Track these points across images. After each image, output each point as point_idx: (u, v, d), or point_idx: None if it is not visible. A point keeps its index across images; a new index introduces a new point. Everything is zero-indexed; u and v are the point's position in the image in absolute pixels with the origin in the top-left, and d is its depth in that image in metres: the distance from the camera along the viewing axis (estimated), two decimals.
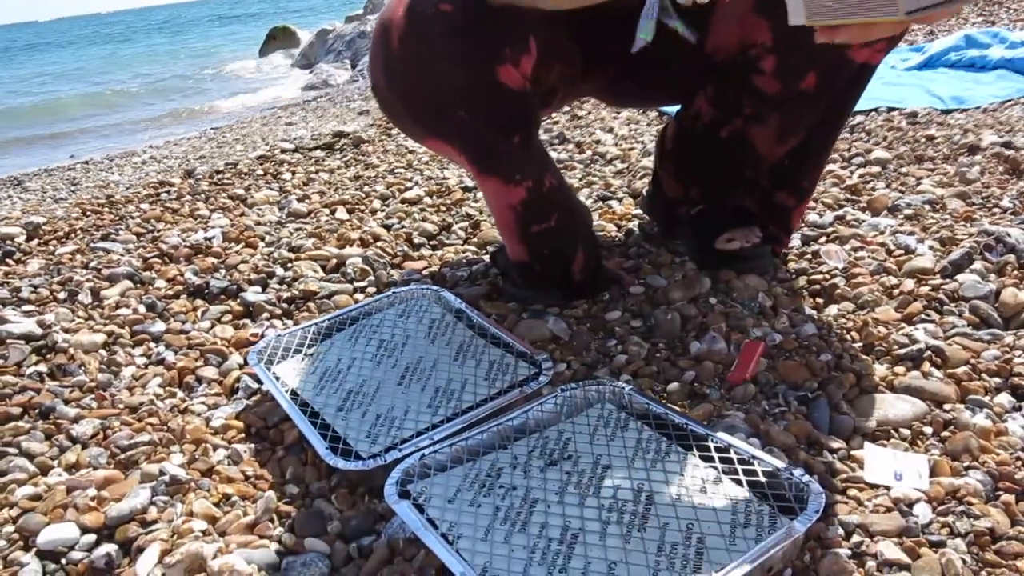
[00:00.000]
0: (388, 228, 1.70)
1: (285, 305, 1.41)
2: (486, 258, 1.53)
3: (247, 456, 1.04)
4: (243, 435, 1.09)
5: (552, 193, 1.21)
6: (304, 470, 1.00)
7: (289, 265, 1.53)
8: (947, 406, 0.99)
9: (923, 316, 1.18)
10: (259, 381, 1.17)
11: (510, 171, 1.15)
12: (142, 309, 1.41)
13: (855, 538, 0.81)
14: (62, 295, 1.47)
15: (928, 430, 0.96)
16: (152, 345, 1.32)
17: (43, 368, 1.25)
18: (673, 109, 1.64)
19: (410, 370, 1.10)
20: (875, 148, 1.93)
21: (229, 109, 7.76)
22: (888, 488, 0.87)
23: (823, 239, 1.47)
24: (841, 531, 0.82)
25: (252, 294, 1.43)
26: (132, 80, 11.70)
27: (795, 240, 1.46)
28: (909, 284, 1.26)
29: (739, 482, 0.81)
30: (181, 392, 1.21)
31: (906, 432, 0.96)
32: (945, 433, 0.95)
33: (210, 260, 1.56)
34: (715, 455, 0.85)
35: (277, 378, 1.12)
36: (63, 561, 0.87)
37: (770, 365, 1.11)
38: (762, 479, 0.80)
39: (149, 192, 2.00)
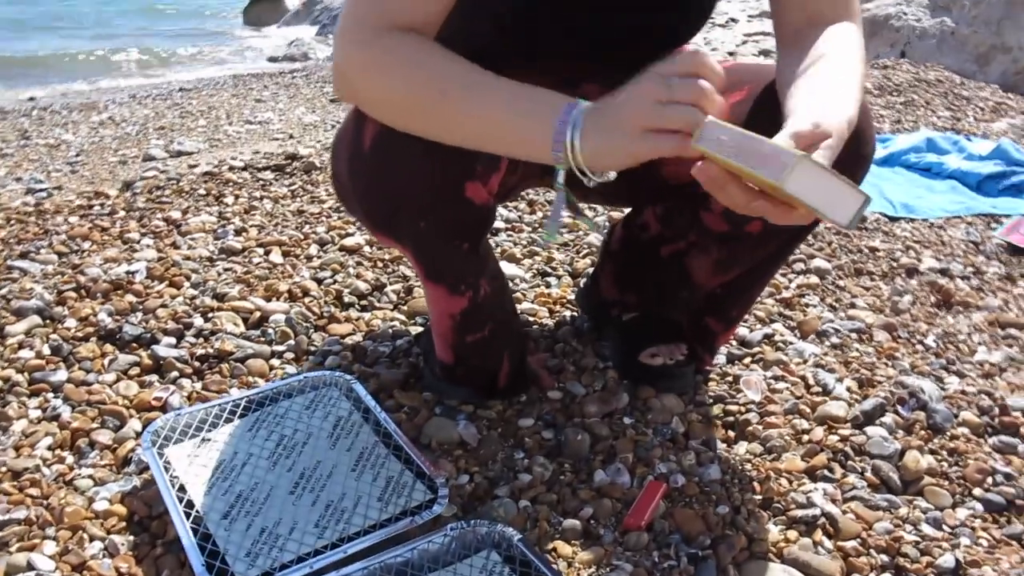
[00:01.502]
0: (319, 282, 1.66)
1: (197, 363, 1.37)
2: (414, 330, 1.52)
3: (124, 549, 1.01)
4: (124, 524, 1.05)
5: (491, 301, 1.20)
6: (180, 574, 0.97)
7: (210, 315, 1.50)
8: None
9: (825, 473, 1.19)
10: None
11: (457, 280, 1.13)
12: (46, 351, 1.36)
13: None
14: None
15: None
16: (50, 396, 1.27)
17: None
18: None
19: (305, 477, 1.08)
20: (818, 255, 1.95)
21: (199, 75, 7.59)
22: None
23: (748, 359, 1.48)
24: None
25: (164, 347, 1.39)
26: (101, 29, 11.39)
27: (720, 357, 1.47)
28: (819, 433, 1.27)
29: None
30: (70, 457, 1.17)
31: None
32: None
33: (128, 299, 1.52)
34: None
35: (168, 466, 1.09)
36: None
37: (668, 509, 1.11)
38: None
39: (81, 203, 1.94)
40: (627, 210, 1.46)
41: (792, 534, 1.08)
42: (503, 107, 0.88)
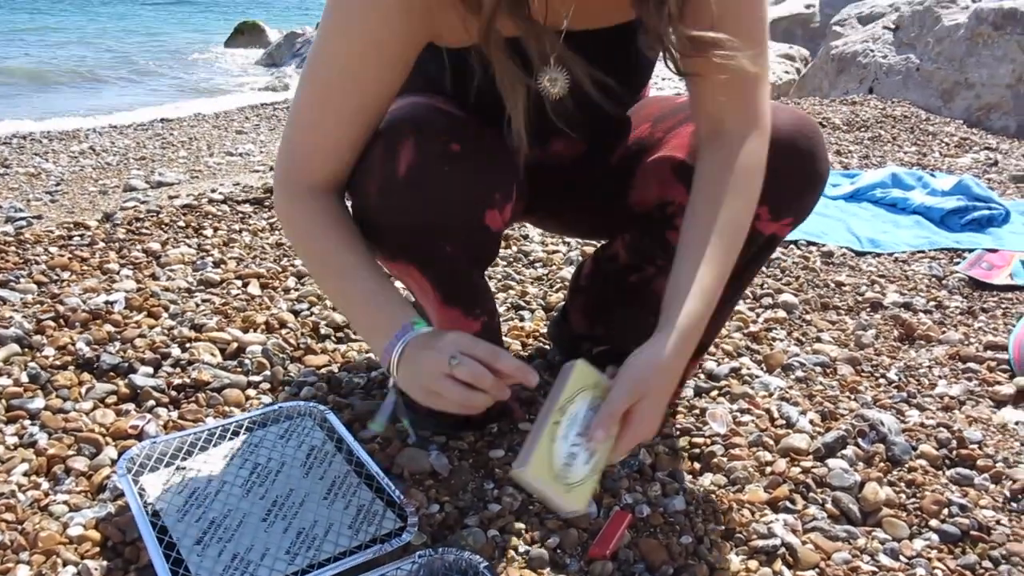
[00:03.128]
0: (296, 314, 1.69)
1: (174, 393, 1.39)
2: None
3: (97, 574, 1.03)
4: (98, 549, 1.07)
5: (497, 331, 1.25)
6: None
7: (187, 346, 1.52)
8: None
9: (787, 504, 1.22)
10: None
11: (472, 304, 1.17)
12: (24, 378, 1.38)
13: None
14: None
15: None
16: (27, 423, 1.29)
17: None
18: None
19: (278, 504, 1.10)
20: (785, 289, 2.00)
21: (179, 105, 7.62)
22: None
23: (715, 392, 1.52)
24: None
25: (142, 376, 1.41)
26: (81, 57, 11.39)
27: (688, 391, 1.50)
28: (781, 464, 1.30)
29: None
30: (46, 483, 1.18)
31: None
32: None
33: (107, 329, 1.54)
34: None
35: (143, 493, 1.10)
36: None
37: (633, 539, 1.14)
38: None
39: (61, 234, 1.96)
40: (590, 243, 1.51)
41: (753, 564, 1.11)
42: (359, 310, 1.03)
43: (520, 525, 1.15)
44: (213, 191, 2.39)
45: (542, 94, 1.05)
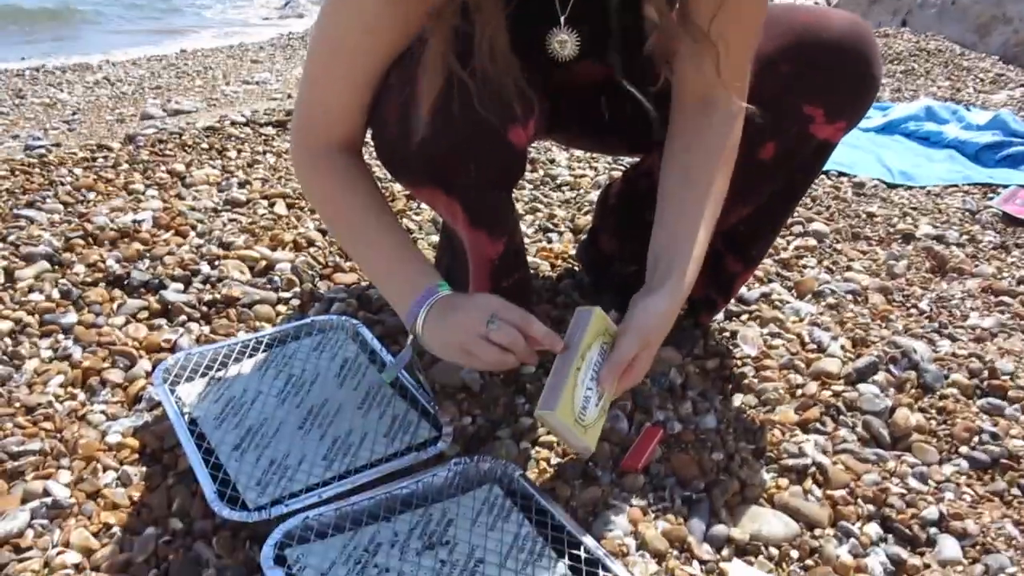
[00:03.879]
0: (324, 232, 1.69)
1: (205, 308, 1.40)
2: None
3: (136, 479, 1.05)
4: (136, 455, 1.09)
5: (520, 249, 1.24)
6: (192, 503, 1.00)
7: (216, 263, 1.52)
8: (817, 531, 1.03)
9: (818, 425, 1.22)
10: None
11: (496, 224, 1.16)
12: (56, 295, 1.38)
13: None
14: None
15: (795, 554, 1.00)
16: (60, 337, 1.30)
17: None
18: None
19: (313, 413, 1.11)
20: (816, 218, 1.97)
21: (193, 37, 7.53)
22: None
23: (745, 316, 1.51)
24: None
25: (172, 292, 1.41)
26: None
27: (719, 314, 1.49)
28: (812, 387, 1.30)
29: None
30: (82, 395, 1.20)
31: (775, 552, 1.00)
32: (809, 561, 0.99)
33: (136, 247, 1.54)
34: (584, 568, 0.88)
35: (180, 401, 1.12)
36: None
37: (665, 454, 1.14)
38: None
39: (85, 155, 1.95)
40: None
41: (783, 481, 1.12)
42: (380, 270, 1.08)
43: (551, 438, 1.15)
44: (235, 112, 2.37)
45: (550, 55, 1.09)
